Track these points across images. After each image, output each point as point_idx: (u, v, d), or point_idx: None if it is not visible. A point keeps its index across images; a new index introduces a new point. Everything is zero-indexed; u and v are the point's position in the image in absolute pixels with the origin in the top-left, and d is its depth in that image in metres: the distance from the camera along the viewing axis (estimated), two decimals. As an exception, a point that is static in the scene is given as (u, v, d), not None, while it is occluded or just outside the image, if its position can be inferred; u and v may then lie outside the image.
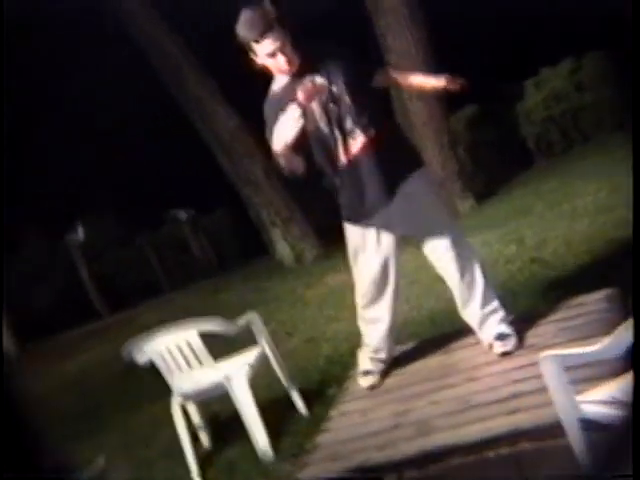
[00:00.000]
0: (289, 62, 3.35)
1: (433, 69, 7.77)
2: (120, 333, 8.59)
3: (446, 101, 7.96)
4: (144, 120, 10.04)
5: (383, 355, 3.80)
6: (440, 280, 3.76)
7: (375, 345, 3.77)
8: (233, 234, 11.83)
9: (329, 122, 3.41)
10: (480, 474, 2.95)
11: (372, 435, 3.34)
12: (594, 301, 3.60)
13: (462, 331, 3.83)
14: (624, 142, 7.73)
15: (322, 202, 8.75)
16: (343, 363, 4.52)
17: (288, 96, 3.31)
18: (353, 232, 3.59)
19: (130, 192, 11.80)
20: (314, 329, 5.58)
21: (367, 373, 3.82)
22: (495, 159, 9.46)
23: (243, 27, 3.30)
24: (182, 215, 12.14)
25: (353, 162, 3.44)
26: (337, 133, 3.42)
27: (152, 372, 5.07)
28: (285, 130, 3.25)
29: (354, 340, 4.54)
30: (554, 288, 4.36)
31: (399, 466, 3.08)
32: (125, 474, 4.18)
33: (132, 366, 4.01)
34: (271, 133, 3.37)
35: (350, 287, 5.64)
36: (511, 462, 2.89)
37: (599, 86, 9.31)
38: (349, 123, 3.41)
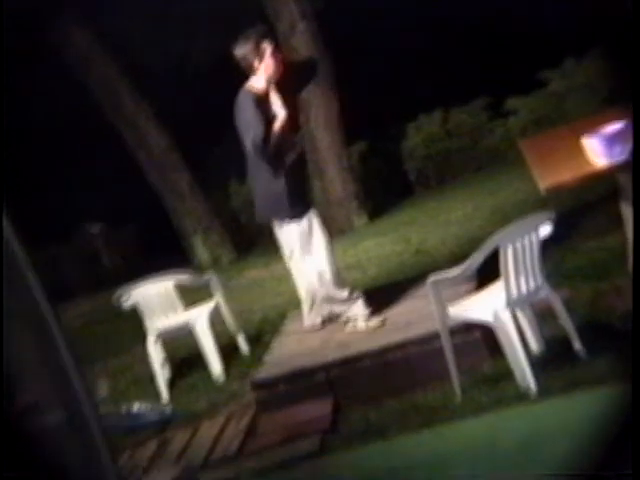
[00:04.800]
0: (279, 65, 4.53)
1: (335, 100, 9.20)
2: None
3: (344, 132, 9.44)
4: (70, 136, 10.94)
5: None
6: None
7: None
8: (141, 248, 12.92)
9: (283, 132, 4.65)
10: (383, 370, 4.36)
11: (306, 352, 4.71)
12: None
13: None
14: (483, 180, 9.56)
15: (236, 214, 10.03)
16: (274, 324, 5.76)
17: (262, 97, 4.54)
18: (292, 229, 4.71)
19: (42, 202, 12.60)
20: (242, 306, 6.80)
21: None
22: (382, 188, 11.09)
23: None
24: (95, 228, 13.18)
25: (293, 167, 4.74)
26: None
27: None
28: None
29: (282, 309, 5.87)
30: (434, 269, 5.85)
31: (327, 367, 4.46)
32: (105, 391, 5.32)
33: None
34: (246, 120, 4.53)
35: (267, 279, 6.98)
36: (402, 361, 4.34)
37: (462, 135, 11.20)
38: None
